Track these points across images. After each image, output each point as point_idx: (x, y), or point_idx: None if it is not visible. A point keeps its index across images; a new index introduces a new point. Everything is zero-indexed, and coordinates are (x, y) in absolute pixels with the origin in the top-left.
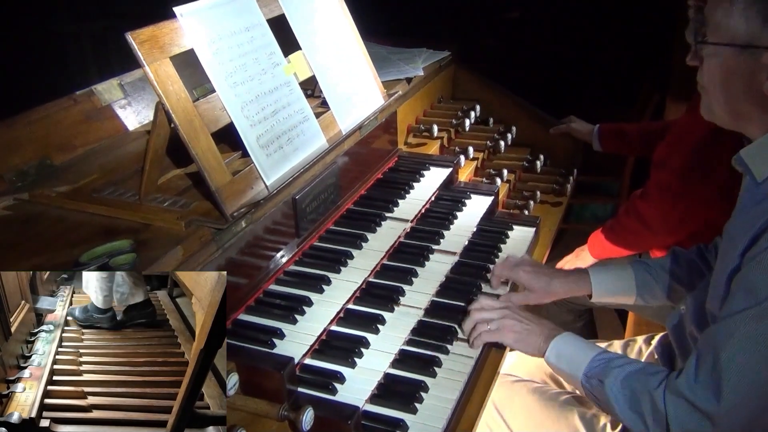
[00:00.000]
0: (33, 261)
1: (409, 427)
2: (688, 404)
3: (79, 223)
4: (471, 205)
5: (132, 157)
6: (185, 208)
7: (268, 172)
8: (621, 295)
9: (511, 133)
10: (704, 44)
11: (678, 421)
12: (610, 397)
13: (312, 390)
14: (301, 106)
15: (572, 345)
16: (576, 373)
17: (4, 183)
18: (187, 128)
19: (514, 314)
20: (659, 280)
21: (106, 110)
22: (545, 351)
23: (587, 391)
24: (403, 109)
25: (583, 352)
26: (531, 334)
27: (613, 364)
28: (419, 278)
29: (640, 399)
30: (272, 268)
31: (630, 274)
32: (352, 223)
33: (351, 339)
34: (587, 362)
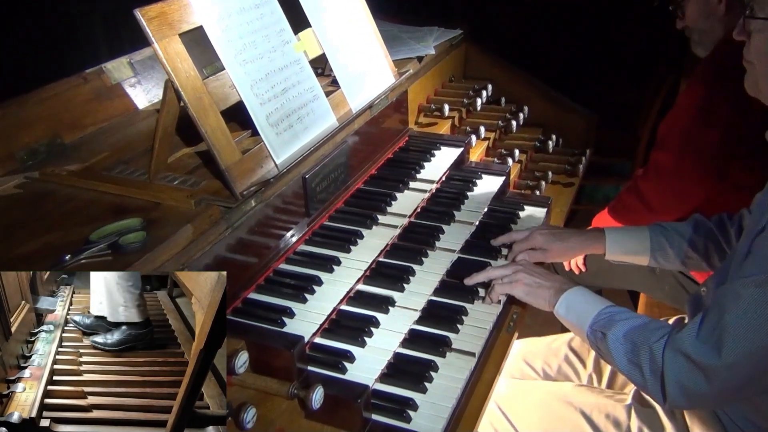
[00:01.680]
0: (43, 239)
1: (418, 406)
2: (685, 359)
3: (89, 202)
4: (482, 185)
5: (142, 136)
6: (195, 187)
7: (278, 151)
8: (634, 254)
9: (523, 113)
10: (752, 19)
11: (673, 374)
12: (611, 349)
13: (322, 369)
14: (312, 84)
15: (581, 298)
16: (582, 325)
17: (15, 161)
18: (196, 106)
19: (527, 269)
20: (674, 244)
21: (115, 89)
22: (555, 304)
23: (591, 343)
24: (414, 88)
25: (591, 305)
26: (541, 288)
27: (617, 318)
28: (429, 258)
29: (639, 351)
30: (282, 247)
31: (645, 234)
32: (363, 203)
33: (361, 318)
34: (594, 315)
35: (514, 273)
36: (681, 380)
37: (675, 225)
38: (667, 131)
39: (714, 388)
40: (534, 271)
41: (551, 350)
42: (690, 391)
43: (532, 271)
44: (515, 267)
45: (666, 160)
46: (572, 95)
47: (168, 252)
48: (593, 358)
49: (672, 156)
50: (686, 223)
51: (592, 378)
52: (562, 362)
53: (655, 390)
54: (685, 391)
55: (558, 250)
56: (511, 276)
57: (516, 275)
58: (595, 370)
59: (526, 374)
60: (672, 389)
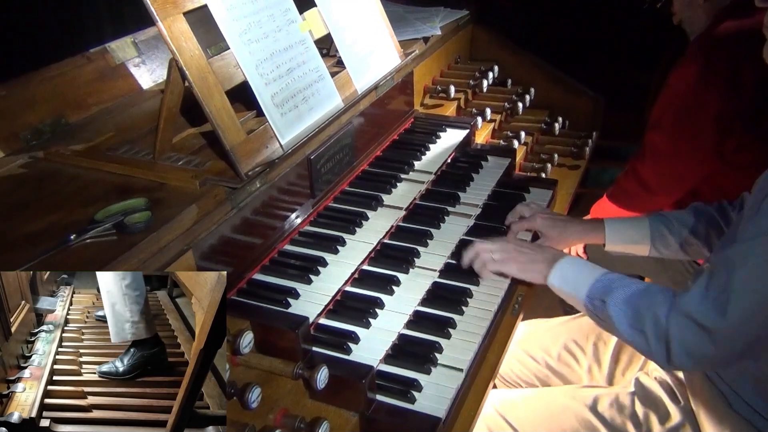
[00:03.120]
0: (49, 218)
1: (423, 386)
2: (690, 321)
3: (94, 182)
4: (487, 167)
5: (146, 116)
6: (200, 167)
7: (283, 132)
8: (635, 244)
9: (530, 95)
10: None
11: (678, 337)
12: (613, 316)
13: (326, 349)
14: (317, 64)
15: (575, 267)
16: (579, 294)
17: (20, 141)
18: (200, 86)
19: (516, 244)
20: (675, 232)
21: (120, 68)
22: (548, 275)
23: (590, 311)
24: (420, 69)
25: (587, 273)
26: (534, 263)
27: (616, 284)
28: (434, 240)
29: (643, 317)
30: (287, 228)
31: (645, 224)
32: (368, 185)
33: (366, 299)
34: (590, 283)
35: (502, 250)
36: (686, 343)
37: (675, 213)
38: (661, 112)
39: (719, 350)
40: (523, 246)
41: (551, 337)
42: (695, 353)
43: (521, 246)
44: (502, 243)
45: (662, 141)
46: (579, 77)
47: (173, 232)
48: (591, 346)
49: (667, 136)
50: (686, 210)
51: (592, 367)
52: (562, 350)
53: (660, 354)
54: (690, 354)
55: (556, 238)
56: (500, 253)
57: (506, 253)
58: (595, 357)
59: (526, 364)
60: (677, 352)
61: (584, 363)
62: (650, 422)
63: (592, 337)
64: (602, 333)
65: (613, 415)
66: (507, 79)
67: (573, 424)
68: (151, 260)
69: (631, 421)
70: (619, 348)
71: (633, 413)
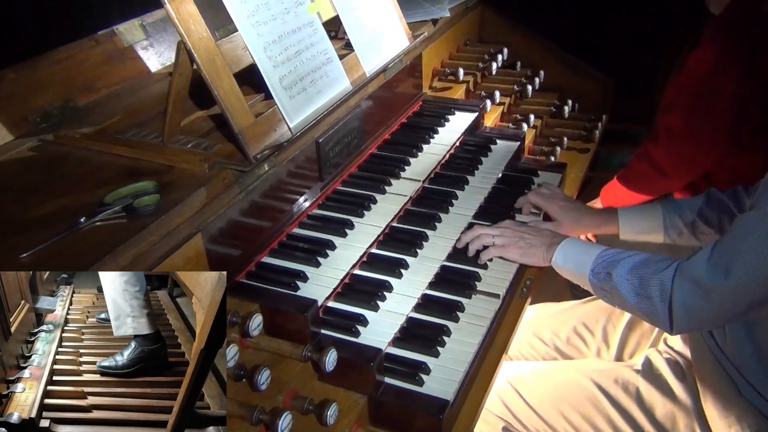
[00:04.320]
0: (58, 201)
1: (431, 369)
2: (695, 285)
3: (103, 165)
4: (496, 151)
5: (155, 99)
6: (208, 150)
7: (292, 114)
8: (648, 233)
9: (539, 78)
10: None
11: (681, 298)
12: (618, 286)
13: (335, 332)
14: (325, 47)
15: (577, 246)
16: (583, 270)
17: (29, 124)
18: (209, 68)
19: (515, 228)
20: (687, 220)
21: (128, 51)
22: (550, 258)
23: (595, 286)
24: (429, 51)
25: (589, 250)
26: (533, 247)
27: (619, 257)
28: (443, 223)
29: (648, 283)
30: (296, 211)
31: (658, 213)
32: (376, 168)
33: (374, 283)
34: (593, 259)
35: (503, 236)
36: (688, 305)
37: (688, 200)
38: (677, 94)
39: (723, 312)
40: (523, 231)
41: (560, 320)
42: (697, 316)
43: (521, 230)
44: (502, 228)
45: (676, 123)
46: (589, 60)
47: (182, 215)
48: (601, 328)
49: (682, 118)
50: (699, 197)
51: (600, 348)
52: (570, 333)
53: (664, 316)
54: (692, 317)
55: (569, 226)
56: (501, 238)
57: (506, 238)
58: (604, 340)
59: (535, 346)
60: (679, 313)
61: (593, 345)
62: (653, 400)
63: (602, 320)
64: (611, 316)
65: (617, 392)
66: (516, 61)
67: (578, 398)
68: (160, 243)
69: (635, 398)
70: (628, 331)
71: (637, 390)
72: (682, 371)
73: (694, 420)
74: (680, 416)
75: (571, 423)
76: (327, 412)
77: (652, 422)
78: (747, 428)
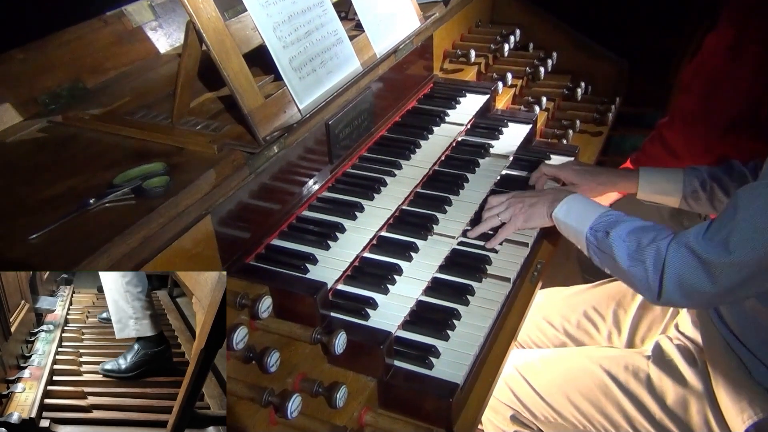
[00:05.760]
0: (68, 183)
1: (441, 353)
2: (690, 252)
3: (112, 146)
4: (508, 134)
5: (164, 80)
6: (217, 132)
7: (301, 96)
8: (666, 195)
9: (552, 60)
10: None
11: (674, 267)
12: (614, 247)
13: (345, 315)
14: (335, 27)
15: (582, 201)
16: (582, 226)
17: (38, 105)
18: (218, 48)
19: (519, 197)
20: (707, 187)
21: (137, 32)
22: (553, 210)
23: (590, 244)
24: (440, 33)
25: (594, 207)
26: (536, 206)
27: (623, 219)
28: (453, 206)
29: (644, 248)
30: (305, 194)
31: (679, 176)
32: (386, 150)
33: (384, 266)
34: (596, 216)
35: (506, 211)
36: (681, 274)
37: (710, 169)
38: (693, 75)
39: (717, 286)
40: (524, 194)
41: (570, 305)
42: (688, 286)
43: (523, 195)
44: (507, 203)
45: (691, 106)
46: (603, 41)
47: (191, 197)
48: (612, 313)
49: (698, 101)
50: (722, 167)
51: (611, 333)
52: (581, 317)
53: (654, 284)
54: (682, 286)
55: (588, 186)
56: (505, 213)
57: (509, 210)
58: (615, 324)
59: (545, 331)
60: (669, 283)
61: (603, 330)
62: (664, 386)
63: (612, 304)
64: (623, 301)
65: (627, 378)
66: (529, 43)
67: (588, 385)
68: (169, 225)
69: (646, 384)
70: (639, 315)
71: (648, 377)
72: (693, 357)
73: (706, 405)
74: (692, 402)
75: (580, 410)
76: (336, 394)
77: (663, 409)
78: (759, 412)
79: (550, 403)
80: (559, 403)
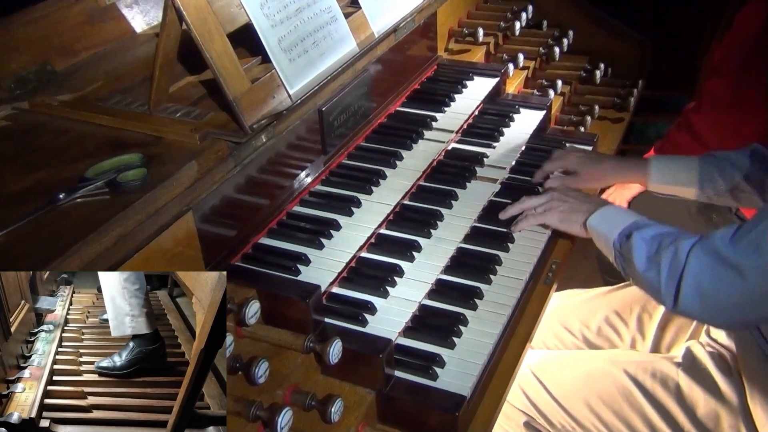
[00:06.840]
0: (35, 176)
1: (446, 362)
2: (714, 257)
3: (84, 135)
4: (519, 121)
5: (140, 63)
6: (200, 120)
7: (292, 80)
8: (681, 185)
9: (568, 39)
10: None
11: (695, 274)
12: (634, 248)
13: (340, 321)
14: (329, 4)
15: (617, 210)
16: (613, 232)
17: (2, 90)
18: (200, 28)
19: (561, 195)
20: (727, 175)
21: (110, 10)
22: (587, 218)
23: (616, 251)
24: (444, 9)
25: (628, 215)
26: (574, 212)
27: (652, 224)
28: (459, 201)
29: (663, 250)
30: (296, 187)
31: (695, 164)
32: (386, 140)
33: (383, 267)
34: (629, 222)
35: (547, 200)
36: (702, 281)
37: (729, 154)
38: (724, 57)
39: (745, 294)
40: (568, 195)
41: (589, 309)
42: (709, 294)
43: (567, 194)
44: (549, 195)
45: (722, 90)
46: (624, 19)
47: (171, 191)
48: (636, 318)
49: (729, 84)
50: (742, 152)
51: (635, 339)
52: (602, 323)
53: (668, 292)
54: (702, 295)
55: (591, 174)
56: (544, 204)
57: (549, 203)
58: (639, 330)
59: (561, 337)
60: (688, 291)
61: (626, 336)
62: (695, 396)
63: (637, 308)
64: (647, 304)
65: (654, 386)
66: (542, 20)
67: (610, 391)
68: (147, 222)
69: (674, 393)
70: (666, 320)
71: (677, 386)
72: (728, 366)
73: (740, 420)
74: (724, 415)
75: (600, 418)
76: (331, 408)
77: (693, 421)
78: None
79: (568, 409)
80: (577, 409)
